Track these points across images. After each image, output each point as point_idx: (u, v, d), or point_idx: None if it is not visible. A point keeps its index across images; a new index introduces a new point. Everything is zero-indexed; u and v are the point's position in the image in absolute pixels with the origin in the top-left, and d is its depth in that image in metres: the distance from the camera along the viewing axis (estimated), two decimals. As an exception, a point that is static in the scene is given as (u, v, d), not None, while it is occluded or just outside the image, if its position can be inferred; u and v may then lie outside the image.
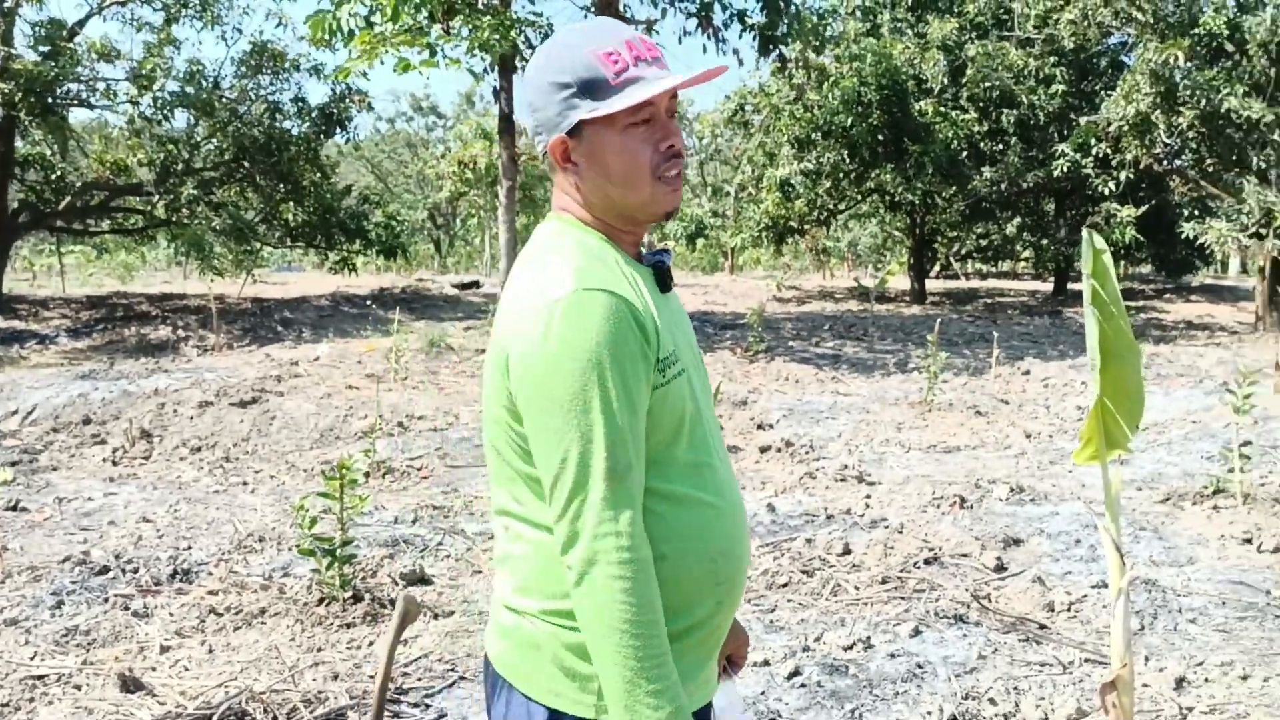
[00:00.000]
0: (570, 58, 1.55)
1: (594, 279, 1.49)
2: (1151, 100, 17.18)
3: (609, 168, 1.58)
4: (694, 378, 1.63)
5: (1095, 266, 2.98)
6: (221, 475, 7.90)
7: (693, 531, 1.57)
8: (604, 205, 1.61)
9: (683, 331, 1.68)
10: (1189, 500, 6.36)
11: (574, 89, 1.55)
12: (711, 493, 1.60)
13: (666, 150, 1.58)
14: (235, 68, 19.25)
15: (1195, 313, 21.29)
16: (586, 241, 1.60)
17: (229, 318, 16.61)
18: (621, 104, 1.52)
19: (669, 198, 1.60)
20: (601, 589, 1.45)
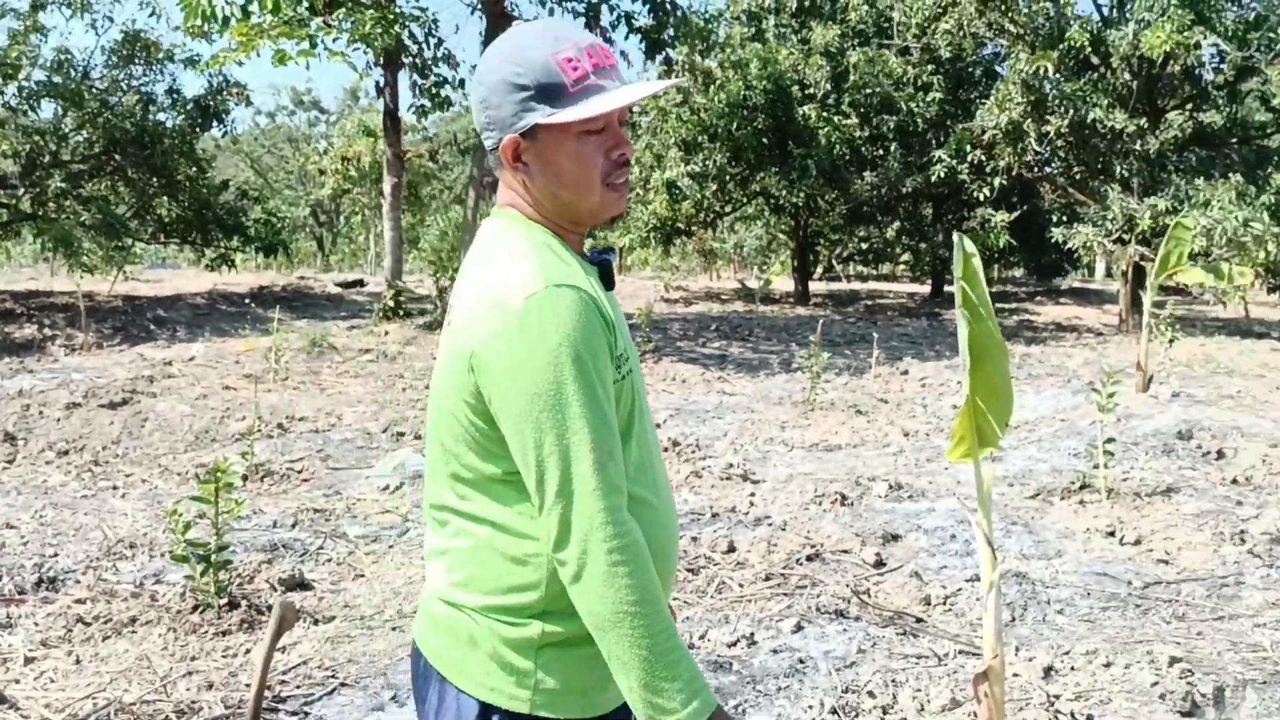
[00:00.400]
0: (529, 59, 1.56)
1: (560, 275, 1.52)
2: (1023, 109, 17.79)
3: (561, 172, 1.60)
4: (637, 378, 1.66)
5: (965, 270, 3.08)
6: (90, 479, 7.60)
7: None
8: (553, 207, 1.64)
9: (625, 329, 1.70)
10: (1057, 495, 6.61)
11: (531, 92, 1.56)
12: (651, 491, 1.63)
13: (618, 158, 1.61)
14: (106, 57, 18.51)
15: (1064, 315, 22.12)
16: (538, 238, 1.62)
17: (99, 316, 16.00)
18: (581, 114, 1.54)
19: (616, 204, 1.64)
20: (602, 579, 1.46)
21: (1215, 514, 6.12)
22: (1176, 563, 5.40)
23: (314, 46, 13.93)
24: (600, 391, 1.49)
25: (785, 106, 20.69)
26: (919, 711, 3.70)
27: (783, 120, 20.75)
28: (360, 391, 10.97)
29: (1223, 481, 6.97)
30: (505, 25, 16.12)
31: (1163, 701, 3.75)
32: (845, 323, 19.34)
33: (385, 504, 6.79)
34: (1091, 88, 17.40)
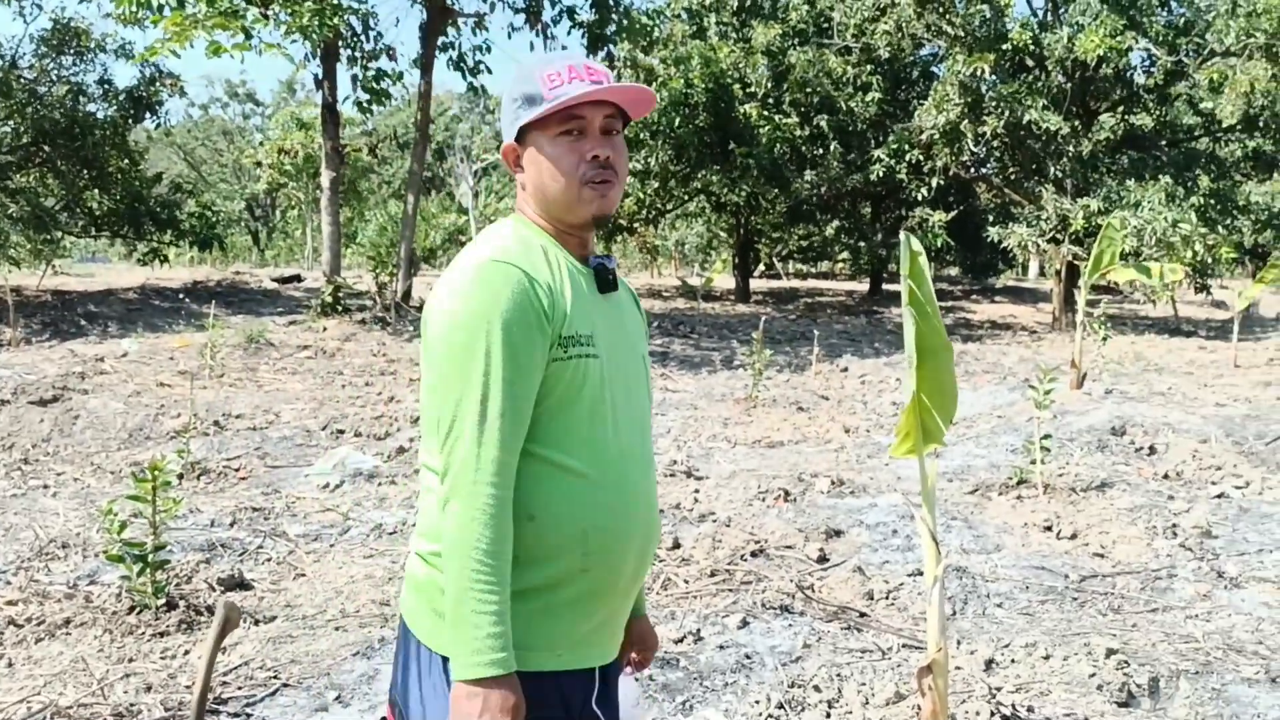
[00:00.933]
0: (523, 77, 1.82)
1: (508, 255, 1.72)
2: (960, 110, 18.05)
3: (544, 171, 1.81)
4: (614, 369, 1.82)
5: (913, 268, 3.12)
6: (20, 478, 7.41)
7: (566, 499, 1.74)
8: (542, 205, 1.84)
9: (620, 329, 1.89)
10: (995, 491, 6.71)
11: (519, 102, 1.81)
12: (597, 469, 1.76)
13: (592, 159, 1.79)
14: (35, 46, 18.08)
15: (999, 313, 22.49)
16: (525, 234, 1.83)
17: (27, 311, 15.60)
18: (541, 111, 1.77)
19: (596, 203, 1.81)
20: (457, 516, 1.64)
21: (1148, 508, 6.25)
22: (1111, 556, 5.51)
23: (249, 38, 13.70)
24: (507, 357, 1.66)
25: (726, 105, 20.78)
26: (864, 705, 3.73)
27: (724, 118, 20.85)
28: (299, 388, 10.83)
29: (1155, 477, 7.13)
30: (446, 19, 16.00)
31: (1100, 692, 3.83)
32: (786, 320, 19.48)
33: (325, 502, 6.71)
34: (1027, 89, 17.71)
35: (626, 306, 1.97)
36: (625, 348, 1.88)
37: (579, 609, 1.78)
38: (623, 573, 1.82)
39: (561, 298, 1.74)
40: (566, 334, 1.72)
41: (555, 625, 1.76)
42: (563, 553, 1.74)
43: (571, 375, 1.73)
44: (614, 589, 1.82)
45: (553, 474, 1.73)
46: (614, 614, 1.87)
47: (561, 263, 1.80)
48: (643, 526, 1.84)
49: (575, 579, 1.76)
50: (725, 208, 24.21)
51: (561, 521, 1.73)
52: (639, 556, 1.85)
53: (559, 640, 1.76)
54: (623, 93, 1.81)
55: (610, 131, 1.83)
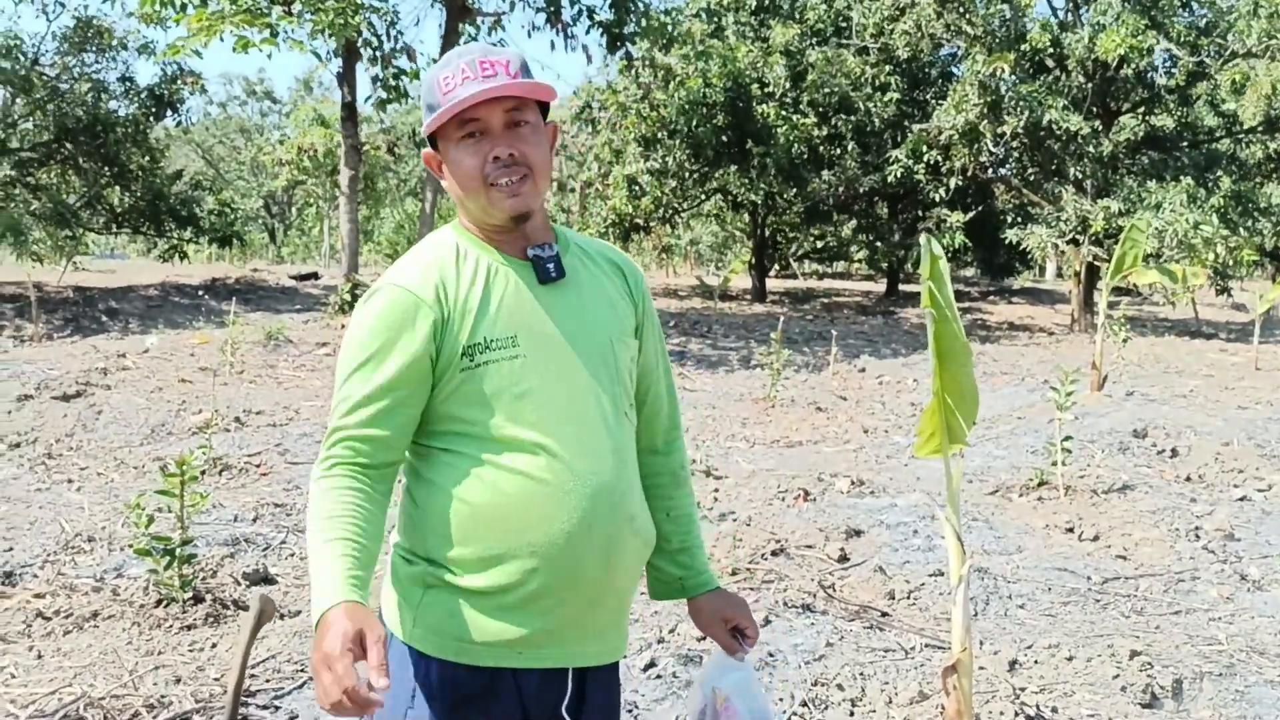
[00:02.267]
0: (425, 84, 1.82)
1: (403, 278, 1.77)
2: (979, 110, 18.00)
3: (454, 176, 1.81)
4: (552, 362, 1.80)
5: (933, 270, 3.12)
6: (44, 472, 7.47)
7: (504, 496, 1.74)
8: (465, 210, 1.85)
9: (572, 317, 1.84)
10: (1016, 492, 6.71)
11: (426, 110, 1.82)
12: (537, 469, 1.74)
13: (494, 160, 1.75)
14: (57, 43, 18.19)
15: (1017, 314, 22.43)
16: (447, 240, 1.85)
17: (49, 307, 15.71)
18: (434, 120, 1.77)
19: (506, 203, 1.78)
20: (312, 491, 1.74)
21: (1170, 511, 6.24)
22: (1134, 558, 5.50)
23: (275, 35, 13.78)
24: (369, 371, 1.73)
25: (744, 104, 20.77)
26: (887, 704, 3.74)
27: (742, 118, 20.83)
28: (317, 385, 10.88)
29: (1177, 479, 7.11)
30: (465, 18, 16.06)
31: (1124, 694, 3.83)
32: (803, 320, 19.46)
33: (347, 498, 6.74)
34: (1047, 90, 17.65)
35: (589, 287, 1.90)
36: (577, 335, 1.83)
37: (535, 609, 1.77)
38: (584, 572, 1.78)
39: (469, 309, 1.76)
40: (471, 343, 1.74)
41: (510, 624, 1.76)
42: (508, 553, 1.74)
43: (481, 381, 1.75)
44: (575, 588, 1.78)
45: (489, 474, 1.75)
46: (585, 614, 1.82)
47: (481, 268, 1.80)
48: (605, 521, 1.78)
49: (527, 579, 1.75)
50: (742, 207, 24.19)
51: (502, 522, 1.74)
52: (603, 553, 1.79)
53: (516, 639, 1.76)
54: (515, 88, 1.75)
55: (516, 124, 1.78)
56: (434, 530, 1.77)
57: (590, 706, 1.87)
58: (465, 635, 1.75)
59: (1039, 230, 18.03)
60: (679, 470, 2.10)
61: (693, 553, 2.07)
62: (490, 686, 1.76)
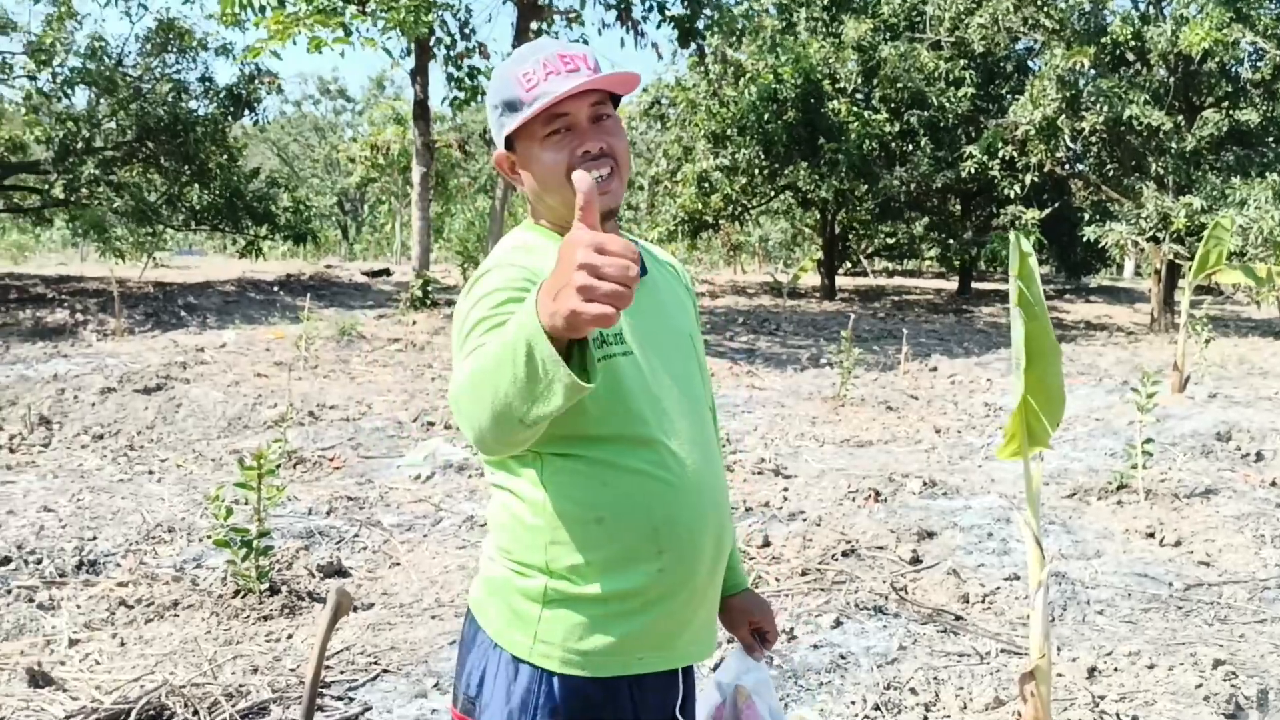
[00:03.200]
0: (499, 82, 1.75)
1: (515, 258, 1.72)
2: (1057, 105, 17.66)
3: (535, 176, 1.75)
4: (653, 358, 1.76)
5: (1022, 268, 3.06)
6: (126, 464, 7.66)
7: (632, 500, 1.69)
8: (544, 209, 1.80)
9: (656, 314, 1.82)
10: (1094, 495, 6.56)
11: (500, 109, 1.75)
12: (660, 468, 1.71)
13: (581, 154, 1.69)
14: (140, 45, 18.63)
15: (1094, 313, 21.98)
16: (532, 240, 1.80)
17: (130, 302, 16.11)
18: (523, 117, 1.69)
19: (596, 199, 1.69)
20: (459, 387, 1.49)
21: (1255, 516, 6.06)
22: (1217, 565, 5.35)
23: (349, 34, 13.98)
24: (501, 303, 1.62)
25: (816, 100, 20.61)
26: (962, 709, 3.68)
27: (813, 114, 20.67)
28: (389, 380, 11.01)
29: (1262, 484, 6.90)
30: (536, 15, 16.14)
31: (1207, 704, 3.72)
32: (873, 318, 19.26)
33: (417, 493, 6.82)
34: (1128, 84, 17.26)
35: (663, 285, 1.89)
36: (664, 332, 1.82)
37: (660, 610, 1.74)
38: (700, 565, 1.77)
39: None
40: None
41: (634, 629, 1.72)
42: (637, 553, 1.70)
43: (606, 376, 1.67)
44: (693, 584, 1.77)
45: (614, 476, 1.69)
46: (698, 611, 1.81)
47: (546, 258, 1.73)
48: (714, 514, 1.79)
49: (655, 580, 1.71)
50: (812, 204, 24.01)
51: (631, 522, 1.69)
52: (715, 546, 1.79)
53: (639, 643, 1.73)
54: (605, 80, 1.70)
55: (600, 118, 1.73)
56: (555, 540, 1.70)
57: (689, 704, 1.87)
58: (590, 647, 1.70)
59: (1117, 227, 17.64)
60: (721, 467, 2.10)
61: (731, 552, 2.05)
62: (610, 697, 1.72)
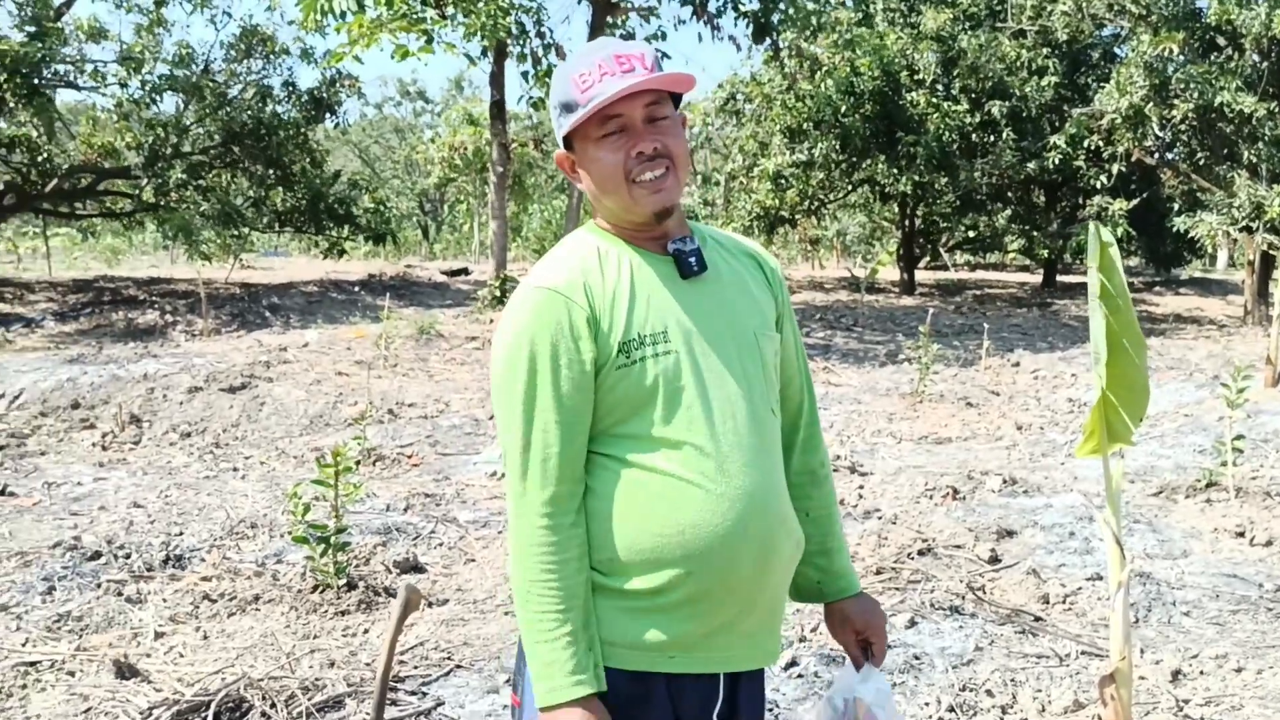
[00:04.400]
0: (558, 83, 1.77)
1: (548, 278, 1.72)
2: (1145, 93, 17.19)
3: (592, 175, 1.77)
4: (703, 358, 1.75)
5: (1103, 260, 2.97)
6: (212, 461, 7.86)
7: (660, 500, 1.70)
8: (602, 209, 1.81)
9: (716, 312, 1.80)
10: (1182, 493, 6.37)
11: (559, 110, 1.77)
12: (691, 470, 1.70)
13: (637, 155, 1.71)
14: (225, 51, 19.08)
15: (1185, 306, 21.37)
16: (586, 241, 1.81)
17: (217, 303, 16.52)
18: (577, 119, 1.71)
19: (649, 199, 1.74)
20: (514, 554, 1.70)
21: (1353, 516, 5.83)
22: (1312, 566, 5.16)
23: (430, 41, 14.15)
24: (544, 387, 1.68)
25: (893, 92, 20.32)
26: (1040, 712, 3.60)
27: (890, 107, 20.38)
28: (467, 379, 11.13)
29: (1360, 482, 6.64)
30: (612, 12, 16.17)
31: (1300, 710, 3.59)
32: (953, 313, 18.97)
33: (493, 490, 6.88)
34: (1219, 70, 16.72)
35: (732, 280, 1.86)
36: (723, 330, 1.79)
37: (689, 612, 1.73)
38: (738, 574, 1.73)
39: (618, 305, 1.71)
40: (626, 339, 1.70)
41: (663, 627, 1.72)
42: (662, 556, 1.70)
43: (639, 378, 1.70)
44: (730, 591, 1.74)
45: (639, 477, 1.71)
46: (738, 618, 1.77)
47: (624, 262, 1.76)
48: (759, 520, 1.74)
49: (681, 582, 1.71)
50: (890, 198, 23.69)
51: (655, 524, 1.70)
52: (760, 553, 1.75)
53: (668, 642, 1.72)
54: (658, 80, 1.71)
55: (656, 119, 1.74)
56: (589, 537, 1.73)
57: (741, 712, 1.83)
58: (617, 639, 1.72)
59: (1208, 218, 17.11)
60: (819, 469, 2.02)
61: (831, 556, 2.00)
62: (644, 693, 1.72)
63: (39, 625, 4.33)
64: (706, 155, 41.85)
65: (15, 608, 4.56)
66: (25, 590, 4.77)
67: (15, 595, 4.71)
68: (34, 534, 5.77)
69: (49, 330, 14.95)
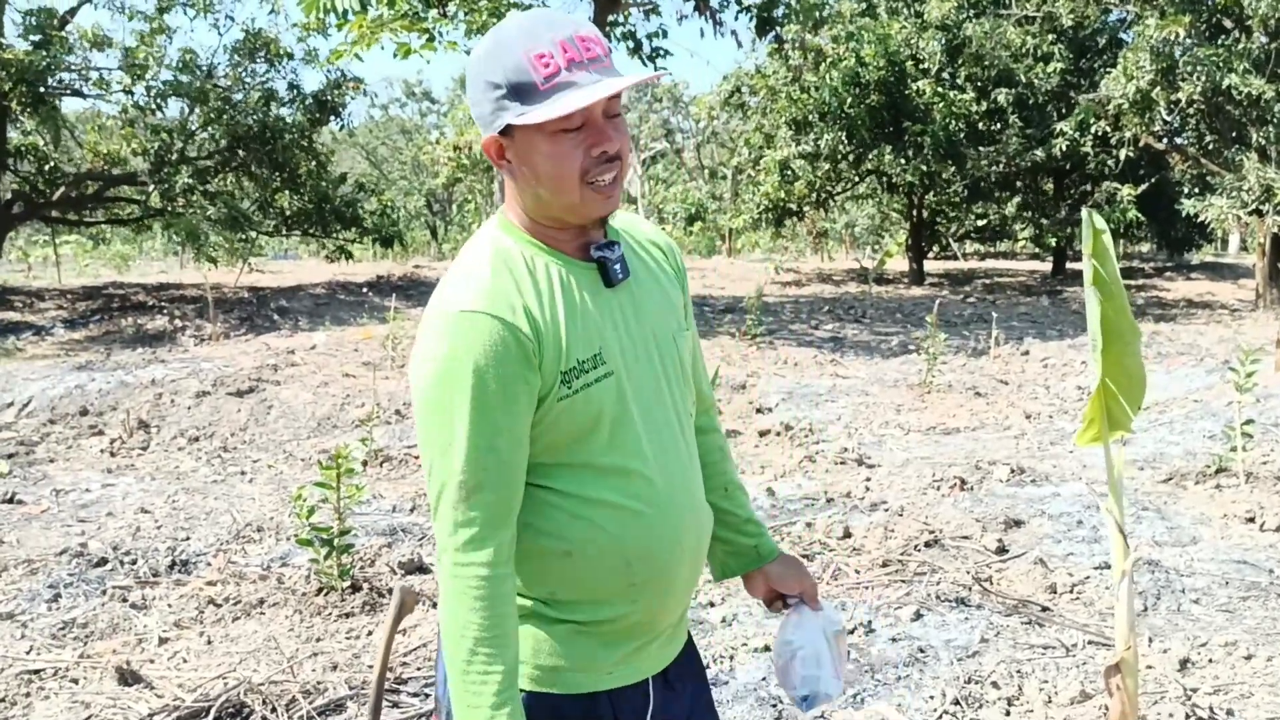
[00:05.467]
0: (503, 57, 1.52)
1: (481, 300, 1.52)
2: (1152, 77, 17.08)
3: (538, 171, 1.56)
4: (635, 372, 1.65)
5: (1095, 247, 2.94)
6: (219, 465, 7.87)
7: (603, 533, 1.61)
8: (534, 206, 1.61)
9: (637, 319, 1.69)
10: (1191, 479, 6.33)
11: (504, 90, 1.52)
12: (633, 498, 1.63)
13: (598, 155, 1.55)
14: (228, 56, 19.11)
15: (1196, 290, 21.25)
16: (506, 249, 1.62)
17: (226, 307, 16.56)
18: (546, 114, 1.49)
19: (599, 204, 1.59)
20: (444, 595, 1.55)
21: (1365, 499, 5.78)
22: (1323, 551, 5.12)
23: (433, 40, 14.14)
24: (484, 420, 1.50)
25: (899, 82, 20.26)
26: (1046, 703, 3.57)
27: (896, 97, 20.32)
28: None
29: (1372, 465, 6.58)
30: (614, 8, 16.14)
31: (1310, 697, 3.56)
32: (962, 302, 18.90)
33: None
34: (1227, 52, 16.60)
35: (648, 281, 1.74)
36: (646, 339, 1.68)
37: (634, 632, 1.70)
38: (675, 588, 1.72)
39: (555, 328, 1.56)
40: (566, 368, 1.56)
41: (608, 649, 1.68)
42: (608, 586, 1.64)
43: (581, 408, 1.58)
44: (667, 605, 1.73)
45: (585, 509, 1.61)
46: (672, 623, 1.78)
47: (553, 275, 1.60)
48: (691, 534, 1.72)
49: (625, 613, 1.67)
50: (898, 188, 23.62)
51: (602, 556, 1.62)
52: (691, 567, 1.75)
53: (613, 661, 1.69)
54: (636, 80, 1.55)
55: (612, 115, 1.57)
56: (526, 573, 1.63)
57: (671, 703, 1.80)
58: (560, 664, 1.67)
59: (1218, 201, 16.99)
60: (723, 443, 2.00)
61: (756, 520, 1.98)
62: (591, 710, 1.69)
63: (44, 633, 4.34)
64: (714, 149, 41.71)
65: (21, 615, 4.57)
66: (31, 598, 4.78)
67: (21, 603, 4.72)
68: (41, 541, 5.78)
69: (59, 338, 15.00)
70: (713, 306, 17.60)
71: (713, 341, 13.32)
